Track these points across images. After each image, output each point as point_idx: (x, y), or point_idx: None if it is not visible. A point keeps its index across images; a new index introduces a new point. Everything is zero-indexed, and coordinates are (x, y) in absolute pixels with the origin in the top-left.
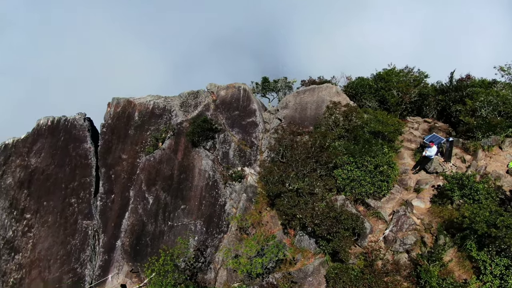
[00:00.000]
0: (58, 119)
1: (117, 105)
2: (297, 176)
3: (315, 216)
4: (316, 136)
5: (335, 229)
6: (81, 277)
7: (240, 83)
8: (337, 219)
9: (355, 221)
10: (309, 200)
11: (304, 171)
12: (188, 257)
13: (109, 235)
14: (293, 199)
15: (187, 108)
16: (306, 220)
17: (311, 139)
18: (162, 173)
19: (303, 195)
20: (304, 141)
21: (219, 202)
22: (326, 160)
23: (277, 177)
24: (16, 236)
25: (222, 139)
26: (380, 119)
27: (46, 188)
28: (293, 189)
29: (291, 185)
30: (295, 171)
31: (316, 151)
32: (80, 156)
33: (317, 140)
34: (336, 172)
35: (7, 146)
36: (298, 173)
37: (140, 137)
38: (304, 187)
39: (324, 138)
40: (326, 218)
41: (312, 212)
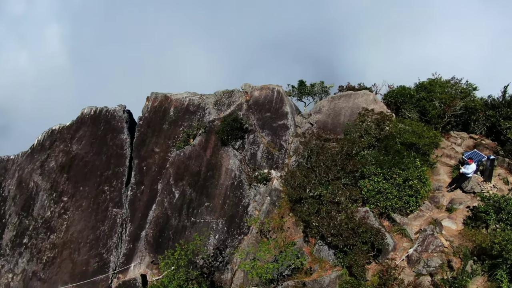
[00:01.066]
0: (100, 109)
1: (155, 99)
2: (319, 183)
3: (333, 226)
4: (343, 142)
5: (352, 242)
6: (106, 262)
7: (274, 85)
8: (355, 231)
9: (374, 235)
10: (331, 209)
11: (328, 178)
12: (207, 255)
13: (135, 225)
14: (313, 206)
15: (220, 106)
16: (322, 229)
17: (338, 146)
18: (190, 169)
19: (324, 203)
20: (330, 147)
21: (242, 203)
22: (351, 168)
23: (299, 182)
24: (53, 217)
25: (252, 140)
26: (415, 130)
27: (83, 174)
28: (314, 195)
29: (312, 191)
30: (318, 177)
31: (342, 159)
32: (116, 146)
33: (344, 147)
34: (361, 183)
35: (54, 131)
36: (321, 180)
37: (173, 132)
38: (326, 195)
39: (352, 145)
40: (344, 229)
41: (329, 221)
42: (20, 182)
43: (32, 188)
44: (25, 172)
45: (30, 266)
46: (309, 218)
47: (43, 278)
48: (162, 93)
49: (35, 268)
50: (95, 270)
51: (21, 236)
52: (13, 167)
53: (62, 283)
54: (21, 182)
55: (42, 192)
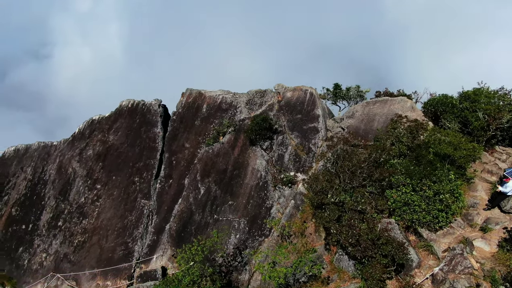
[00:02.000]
0: (137, 103)
1: (189, 95)
2: (343, 189)
3: (351, 235)
4: (371, 149)
5: (370, 253)
6: (131, 251)
7: (307, 86)
8: (374, 242)
9: (395, 249)
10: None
11: (352, 184)
12: (226, 254)
13: (161, 217)
14: (333, 213)
15: (252, 106)
16: (341, 237)
17: (366, 152)
18: (217, 166)
19: (347, 211)
20: (357, 153)
21: (266, 204)
22: (378, 177)
23: (321, 187)
24: (86, 203)
25: (280, 141)
26: (451, 140)
27: (117, 164)
28: (336, 201)
29: (334, 197)
30: (342, 183)
31: (369, 166)
32: (149, 139)
33: (372, 154)
34: (388, 192)
35: (94, 121)
36: (345, 186)
37: (204, 129)
38: (349, 202)
39: (381, 152)
40: (363, 239)
41: (348, 229)
42: (60, 167)
43: (70, 174)
44: (65, 158)
45: (62, 248)
46: (329, 224)
47: (73, 260)
48: (197, 90)
49: (66, 250)
50: (120, 258)
51: (57, 219)
52: (55, 152)
53: (89, 267)
54: (61, 167)
55: (79, 179)
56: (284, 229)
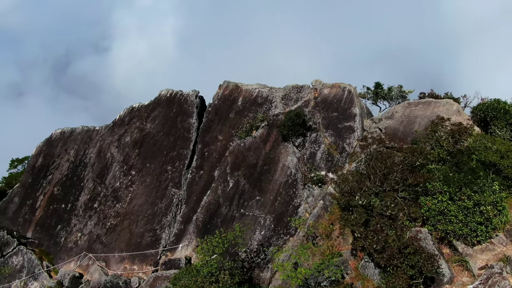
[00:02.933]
0: (175, 93)
1: (226, 87)
2: (372, 191)
3: (376, 241)
4: (407, 151)
5: (395, 262)
6: (158, 239)
7: (346, 84)
8: (401, 250)
9: (424, 260)
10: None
11: (383, 187)
12: (250, 249)
13: (189, 208)
14: (360, 216)
15: (287, 101)
16: (365, 242)
17: (401, 155)
18: (247, 160)
19: (375, 215)
20: (392, 155)
21: (293, 203)
22: (413, 182)
23: (349, 187)
24: (121, 188)
25: (313, 139)
26: (498, 148)
27: (152, 152)
28: (363, 204)
29: (362, 199)
30: (372, 185)
31: (403, 169)
32: (184, 129)
33: (408, 157)
34: (422, 199)
35: (133, 109)
36: (375, 189)
37: (238, 122)
38: (377, 206)
39: (417, 155)
40: (389, 246)
41: (374, 234)
42: (100, 151)
43: (108, 159)
44: (105, 143)
45: (96, 229)
46: (354, 228)
47: (104, 242)
48: (234, 83)
49: (99, 231)
50: (148, 244)
51: (93, 200)
52: (96, 137)
53: (118, 250)
54: (101, 151)
55: (116, 164)
56: (310, 230)
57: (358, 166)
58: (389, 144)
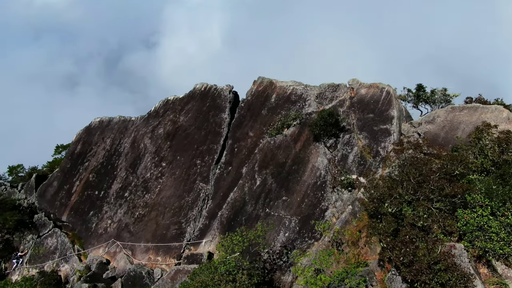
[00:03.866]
0: (209, 87)
1: (260, 84)
2: (404, 199)
3: (404, 253)
4: (445, 159)
5: (423, 278)
6: (183, 232)
7: (384, 84)
8: (430, 266)
9: (457, 279)
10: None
11: (416, 196)
12: (273, 251)
13: (215, 203)
14: (390, 225)
15: (322, 100)
16: (392, 253)
17: (438, 162)
18: (276, 158)
19: (405, 225)
20: (428, 162)
21: (321, 206)
22: (450, 192)
23: (379, 194)
24: (151, 179)
25: (346, 140)
26: None
27: (183, 145)
28: (393, 212)
29: (391, 207)
30: (404, 193)
31: (440, 178)
32: (216, 124)
33: (446, 165)
34: (459, 212)
35: (168, 101)
36: (408, 197)
37: (269, 119)
38: (409, 215)
39: (457, 164)
40: (418, 260)
41: (402, 246)
42: (134, 142)
43: (141, 149)
44: (139, 134)
45: (125, 218)
46: (381, 237)
47: (132, 231)
48: (268, 79)
49: (128, 220)
50: (173, 236)
51: (124, 189)
52: (131, 127)
53: (144, 240)
54: (134, 142)
55: (148, 155)
56: (335, 235)
57: (392, 171)
58: (426, 150)
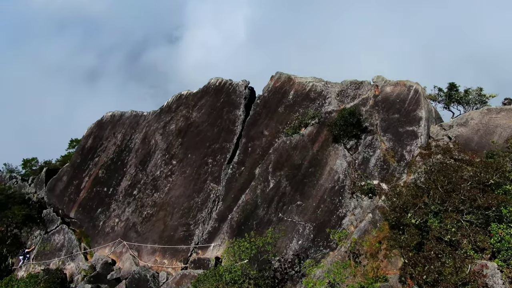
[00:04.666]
0: (224, 82)
1: (278, 79)
2: (430, 210)
3: (428, 271)
4: (479, 166)
5: None
6: (191, 234)
7: (412, 82)
8: (457, 286)
9: None
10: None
11: (443, 206)
12: (284, 259)
13: (226, 205)
14: (413, 237)
15: (343, 98)
16: (414, 270)
17: (470, 169)
18: (292, 159)
19: (430, 239)
20: (459, 168)
21: (338, 213)
22: (483, 203)
23: (402, 202)
24: (160, 177)
25: (368, 142)
26: None
27: (195, 143)
28: (417, 223)
29: (415, 217)
30: (430, 202)
31: (472, 187)
32: (229, 121)
33: (479, 173)
34: (493, 227)
35: (181, 96)
36: (434, 207)
37: (286, 117)
38: (435, 227)
39: (493, 172)
40: (443, 279)
41: (425, 262)
42: (145, 138)
43: (152, 146)
44: (151, 129)
45: (132, 217)
46: (402, 251)
47: (139, 231)
48: (287, 74)
49: (135, 220)
50: (180, 238)
51: (133, 187)
52: (143, 122)
53: (151, 241)
54: (145, 138)
55: (158, 151)
56: (353, 246)
57: (417, 178)
58: (457, 156)
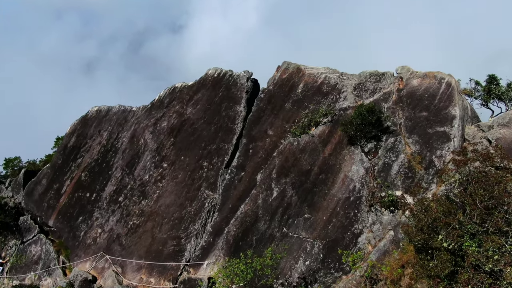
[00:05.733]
0: (224, 73)
1: (285, 70)
2: (466, 230)
3: None
4: None
5: None
6: (182, 250)
7: (444, 74)
8: None
9: None
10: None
11: (483, 227)
12: (289, 282)
13: (222, 216)
14: (444, 265)
15: (361, 92)
16: None
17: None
18: (299, 164)
19: (467, 267)
20: (503, 179)
21: (353, 229)
22: None
23: (431, 220)
24: (149, 182)
25: (390, 145)
26: None
27: (189, 143)
28: (449, 247)
29: (448, 240)
30: (466, 221)
31: None
32: (228, 119)
33: None
34: None
35: (175, 89)
36: (471, 227)
37: (294, 114)
38: (472, 253)
39: None
40: None
41: None
42: (133, 136)
43: (140, 146)
44: (140, 127)
45: (117, 228)
46: (430, 281)
47: (124, 244)
48: (295, 64)
49: (120, 231)
50: (169, 254)
51: (119, 193)
52: (132, 119)
53: (137, 256)
54: (134, 136)
55: (148, 152)
56: (370, 270)
57: (450, 190)
58: (500, 163)
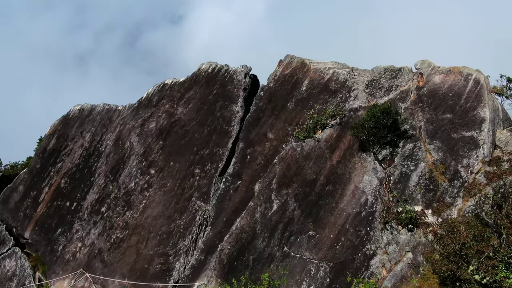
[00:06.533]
0: (219, 68)
1: (288, 65)
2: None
3: None
4: None
5: None
6: (170, 268)
7: (471, 69)
8: None
9: None
10: None
11: None
12: None
13: (215, 231)
14: None
15: (374, 90)
16: None
17: None
18: (303, 173)
19: None
20: None
21: (365, 250)
22: None
23: (459, 245)
24: (135, 190)
25: (408, 152)
26: None
27: (179, 147)
28: (482, 281)
29: (480, 271)
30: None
31: None
32: (224, 119)
33: None
34: None
35: (165, 86)
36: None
37: (298, 115)
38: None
39: None
40: None
41: None
42: (118, 139)
43: (126, 150)
44: (126, 128)
45: (99, 241)
46: None
47: (106, 261)
48: (300, 58)
49: (102, 245)
50: (156, 273)
51: (101, 202)
52: (117, 119)
53: (120, 275)
54: (119, 139)
55: (134, 157)
56: None
57: (479, 206)
58: None
